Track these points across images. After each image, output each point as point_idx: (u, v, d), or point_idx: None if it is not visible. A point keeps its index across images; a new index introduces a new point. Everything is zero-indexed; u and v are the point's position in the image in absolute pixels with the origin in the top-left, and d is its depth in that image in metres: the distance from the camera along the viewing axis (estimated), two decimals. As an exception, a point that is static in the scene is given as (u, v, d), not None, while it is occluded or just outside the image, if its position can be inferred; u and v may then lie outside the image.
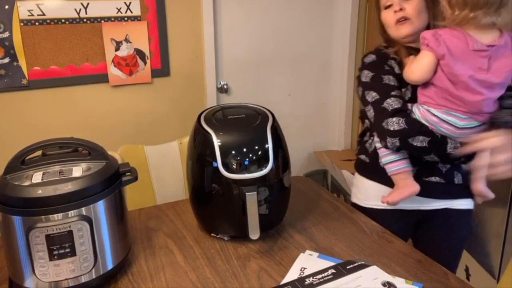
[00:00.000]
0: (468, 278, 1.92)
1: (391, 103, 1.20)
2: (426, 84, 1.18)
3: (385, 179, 1.30)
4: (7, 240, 0.93)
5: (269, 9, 2.63)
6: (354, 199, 1.47)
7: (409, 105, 1.24)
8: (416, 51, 1.25)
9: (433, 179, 1.29)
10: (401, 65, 1.28)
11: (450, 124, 1.16)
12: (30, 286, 0.94)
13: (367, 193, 1.41)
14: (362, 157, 1.42)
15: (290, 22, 2.70)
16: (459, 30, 1.11)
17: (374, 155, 1.33)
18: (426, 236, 1.39)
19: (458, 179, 1.30)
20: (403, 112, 1.19)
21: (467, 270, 1.94)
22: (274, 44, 2.69)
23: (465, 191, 1.31)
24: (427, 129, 1.17)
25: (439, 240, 1.36)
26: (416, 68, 1.17)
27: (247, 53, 2.64)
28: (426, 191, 1.27)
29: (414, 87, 1.25)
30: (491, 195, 1.24)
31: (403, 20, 1.25)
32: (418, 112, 1.20)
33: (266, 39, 2.67)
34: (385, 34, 1.34)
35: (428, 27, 1.26)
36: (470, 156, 1.17)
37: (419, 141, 1.16)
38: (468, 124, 1.16)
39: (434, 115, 1.17)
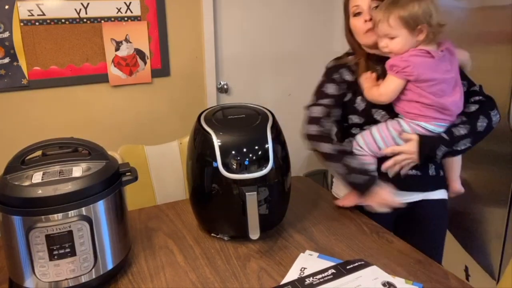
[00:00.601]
0: (467, 279, 1.92)
1: (314, 111, 1.33)
2: (409, 101, 1.25)
3: None
4: (7, 240, 0.93)
5: (269, 9, 2.63)
6: (335, 196, 1.50)
7: (394, 121, 1.29)
8: (377, 58, 1.31)
9: (409, 171, 1.31)
10: (356, 73, 1.35)
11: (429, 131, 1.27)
12: (30, 286, 0.94)
13: (346, 190, 1.41)
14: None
15: (290, 22, 2.70)
16: (420, 47, 1.21)
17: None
18: (406, 229, 1.40)
19: (432, 171, 1.34)
20: (319, 121, 1.31)
21: (466, 270, 1.93)
22: (274, 44, 2.69)
23: (439, 182, 1.39)
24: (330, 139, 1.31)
25: (420, 232, 1.40)
26: (386, 92, 1.24)
27: (247, 53, 2.64)
28: (404, 185, 1.31)
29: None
30: (463, 190, 1.42)
31: (373, 29, 1.28)
32: (408, 127, 1.26)
33: (266, 39, 2.67)
34: (351, 39, 1.37)
35: None
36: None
37: (326, 148, 1.29)
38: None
39: (424, 128, 1.26)
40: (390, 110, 1.29)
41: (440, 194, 1.40)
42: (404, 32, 1.19)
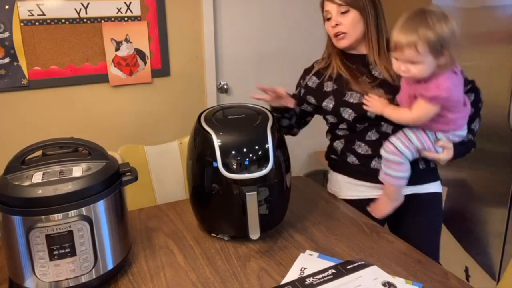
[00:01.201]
0: (467, 279, 1.92)
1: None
2: (442, 123, 1.24)
3: (352, 173, 1.43)
4: (7, 240, 0.93)
5: (269, 9, 2.63)
6: (330, 192, 1.54)
7: (411, 133, 1.28)
8: (351, 55, 1.39)
9: None
10: (324, 78, 1.43)
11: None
12: (30, 286, 0.94)
13: (340, 186, 1.48)
14: (333, 156, 1.51)
15: (290, 22, 2.70)
16: (450, 70, 1.17)
17: (342, 154, 1.44)
18: (399, 223, 1.43)
19: (422, 164, 1.37)
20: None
21: (466, 270, 1.93)
22: (274, 44, 2.69)
23: (430, 175, 1.41)
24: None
25: (413, 226, 1.42)
26: (420, 118, 1.21)
27: (247, 53, 2.64)
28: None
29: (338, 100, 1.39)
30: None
31: (340, 34, 1.35)
32: (443, 136, 1.26)
33: (266, 39, 2.67)
34: (330, 39, 1.43)
35: (366, 35, 1.35)
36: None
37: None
38: None
39: (457, 136, 1.27)
40: (358, 109, 1.33)
41: (432, 187, 1.42)
42: (429, 58, 1.12)
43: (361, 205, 1.39)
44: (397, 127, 1.31)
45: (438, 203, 1.45)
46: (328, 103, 1.40)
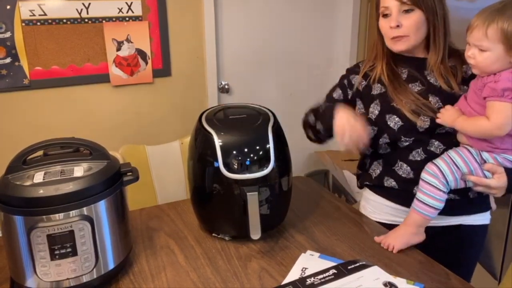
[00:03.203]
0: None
1: (315, 105, 1.33)
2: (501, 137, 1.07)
3: (392, 196, 1.30)
4: (9, 240, 0.93)
5: (270, 10, 2.63)
6: (362, 211, 1.40)
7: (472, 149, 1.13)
8: (403, 59, 1.25)
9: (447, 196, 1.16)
10: (370, 80, 1.29)
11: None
12: (31, 285, 0.94)
13: (376, 207, 1.35)
14: (367, 183, 1.37)
15: (291, 22, 2.70)
16: None
17: (379, 178, 1.30)
18: (436, 252, 1.19)
19: (472, 193, 1.21)
20: (313, 112, 1.31)
21: (468, 270, 1.93)
22: (275, 44, 2.69)
23: (480, 206, 1.27)
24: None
25: (451, 257, 1.21)
26: (504, 122, 1.02)
27: (248, 53, 2.64)
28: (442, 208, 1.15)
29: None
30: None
31: (399, 36, 1.19)
32: (492, 159, 1.11)
33: (267, 39, 2.67)
34: (377, 38, 1.29)
35: (427, 40, 1.21)
36: None
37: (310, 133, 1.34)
38: None
39: (510, 161, 1.10)
40: (403, 117, 1.21)
41: (481, 219, 1.28)
42: (499, 48, 1.01)
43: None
44: (448, 148, 1.17)
45: (483, 235, 1.30)
46: (374, 109, 1.26)
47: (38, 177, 0.93)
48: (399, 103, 1.21)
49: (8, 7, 1.99)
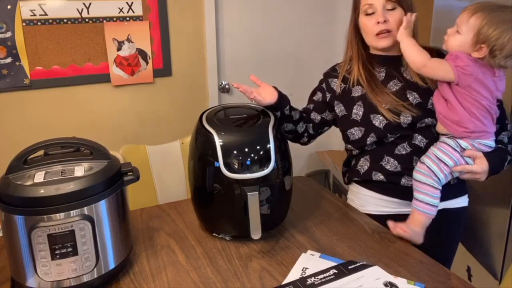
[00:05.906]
0: (470, 279, 1.92)
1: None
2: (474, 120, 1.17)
3: (380, 189, 1.34)
4: (9, 239, 0.93)
5: (270, 9, 2.63)
6: (351, 204, 1.45)
7: (449, 139, 1.21)
8: (380, 60, 1.31)
9: None
10: (350, 83, 1.34)
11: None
12: (32, 285, 0.94)
13: (365, 200, 1.39)
14: (355, 179, 1.40)
15: (292, 22, 2.70)
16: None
17: (367, 173, 1.34)
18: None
19: (453, 180, 1.27)
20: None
21: (468, 270, 1.93)
22: (276, 44, 2.69)
23: (459, 189, 1.35)
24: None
25: (437, 239, 1.31)
26: (432, 68, 1.16)
27: (248, 53, 2.64)
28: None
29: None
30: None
31: (385, 32, 1.25)
32: (469, 145, 1.19)
33: (268, 39, 2.66)
34: (354, 39, 1.34)
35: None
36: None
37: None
38: None
39: (486, 145, 1.19)
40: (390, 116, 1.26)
41: (461, 201, 1.36)
42: (469, 37, 1.11)
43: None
44: (431, 142, 1.25)
45: (464, 217, 1.38)
46: (358, 110, 1.31)
47: (39, 176, 0.94)
48: (378, 104, 1.28)
49: (9, 7, 1.99)
